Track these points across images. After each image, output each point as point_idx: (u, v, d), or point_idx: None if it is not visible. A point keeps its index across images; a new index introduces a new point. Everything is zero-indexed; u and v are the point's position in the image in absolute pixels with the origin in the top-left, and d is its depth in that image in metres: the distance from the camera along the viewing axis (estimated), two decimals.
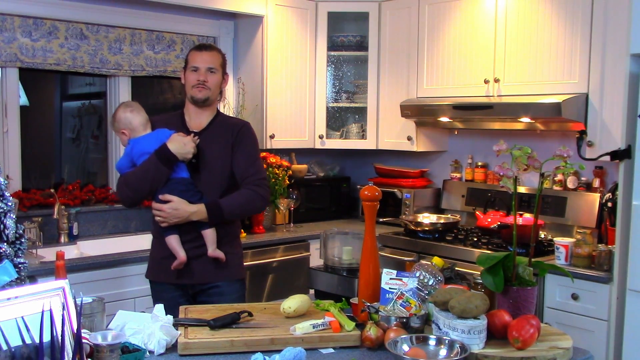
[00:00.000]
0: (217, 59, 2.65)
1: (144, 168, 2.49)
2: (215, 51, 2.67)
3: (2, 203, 1.79)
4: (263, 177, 2.63)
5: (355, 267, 2.90)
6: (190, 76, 2.61)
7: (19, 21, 3.51)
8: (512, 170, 1.94)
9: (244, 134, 2.65)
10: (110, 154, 4.02)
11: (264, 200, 2.61)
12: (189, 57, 2.65)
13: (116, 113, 2.57)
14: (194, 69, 2.61)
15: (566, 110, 3.29)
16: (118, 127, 2.56)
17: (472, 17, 3.83)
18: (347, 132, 4.53)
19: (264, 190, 2.61)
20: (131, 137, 2.54)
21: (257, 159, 2.66)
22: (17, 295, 1.43)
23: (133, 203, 2.62)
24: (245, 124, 2.71)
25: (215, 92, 2.65)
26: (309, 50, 4.36)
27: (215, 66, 2.62)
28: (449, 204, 4.27)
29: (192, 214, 2.48)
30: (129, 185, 2.54)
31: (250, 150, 2.64)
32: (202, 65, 2.60)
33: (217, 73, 2.64)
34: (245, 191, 2.57)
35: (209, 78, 2.61)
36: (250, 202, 2.58)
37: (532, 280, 1.95)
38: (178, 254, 2.51)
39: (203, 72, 2.60)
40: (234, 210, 2.57)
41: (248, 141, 2.65)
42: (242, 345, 1.82)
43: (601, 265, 3.06)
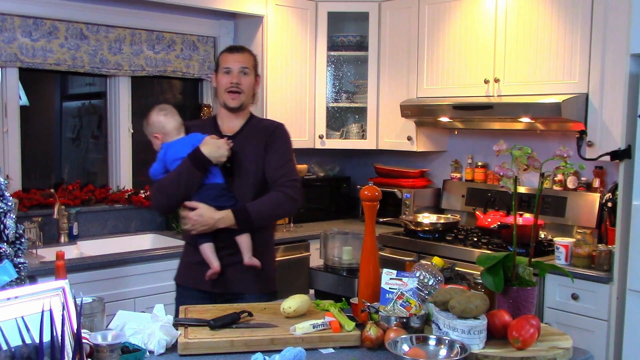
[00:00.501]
0: (249, 60, 2.56)
1: (176, 173, 2.41)
2: (247, 52, 2.59)
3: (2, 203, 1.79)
4: (294, 179, 2.50)
5: (355, 267, 2.89)
6: (223, 79, 2.52)
7: (19, 21, 3.51)
8: (512, 170, 1.94)
9: (277, 135, 2.55)
10: (110, 154, 4.02)
11: (294, 202, 2.47)
12: (220, 60, 2.57)
13: (149, 116, 2.50)
14: (227, 70, 2.52)
15: (566, 110, 3.29)
16: (151, 131, 2.49)
17: (472, 17, 3.83)
18: (347, 132, 4.53)
19: (294, 191, 2.47)
20: (164, 141, 2.47)
21: (288, 161, 2.53)
22: (17, 295, 1.43)
23: (167, 210, 2.56)
24: (279, 125, 2.61)
25: (249, 95, 2.56)
26: (309, 50, 4.36)
27: (248, 67, 2.54)
28: (449, 204, 4.27)
29: (219, 220, 2.38)
30: (162, 191, 2.44)
31: (282, 151, 2.53)
32: (235, 66, 2.51)
33: (250, 74, 2.55)
34: (274, 194, 2.46)
35: (242, 80, 2.52)
36: (279, 204, 2.46)
37: (532, 280, 1.95)
38: (212, 264, 2.41)
39: (236, 74, 2.51)
40: (263, 215, 2.44)
41: (280, 142, 2.54)
42: (242, 345, 1.82)
43: (601, 265, 3.07)
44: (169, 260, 3.37)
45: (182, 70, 4.18)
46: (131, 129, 4.04)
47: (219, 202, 2.40)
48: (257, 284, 2.50)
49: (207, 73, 4.32)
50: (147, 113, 2.57)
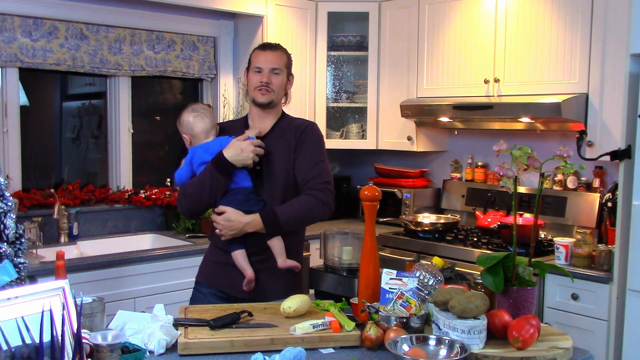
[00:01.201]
0: (281, 59, 2.47)
1: (200, 178, 2.34)
2: (280, 51, 2.49)
3: (2, 203, 1.79)
4: (327, 181, 2.38)
5: (355, 267, 2.90)
6: (253, 77, 2.44)
7: (19, 21, 3.51)
8: (512, 170, 1.94)
9: (308, 134, 2.44)
10: (110, 154, 4.02)
11: (326, 206, 2.36)
12: (252, 57, 2.48)
13: (181, 115, 2.42)
14: (257, 69, 2.43)
15: (566, 110, 3.29)
16: (181, 130, 2.43)
17: (472, 17, 3.83)
18: (347, 132, 4.53)
19: (326, 195, 2.36)
20: (192, 143, 2.40)
21: (321, 161, 2.41)
22: (17, 295, 1.43)
23: (193, 214, 2.48)
24: (310, 124, 2.51)
25: (280, 94, 2.47)
26: (309, 50, 4.35)
27: (279, 67, 2.44)
28: (449, 204, 4.27)
29: (247, 224, 2.31)
30: (186, 196, 2.38)
31: (313, 151, 2.41)
32: (266, 65, 2.42)
33: (282, 74, 2.45)
34: (304, 197, 2.35)
35: (273, 79, 2.43)
36: (310, 209, 2.35)
37: (532, 280, 1.95)
38: (246, 272, 2.33)
39: (266, 74, 2.42)
40: (292, 219, 2.35)
41: (312, 141, 2.43)
42: (242, 345, 1.82)
43: (601, 265, 3.06)
44: (169, 260, 3.37)
45: (182, 70, 4.18)
46: (131, 129, 4.04)
47: (246, 206, 2.33)
48: (287, 290, 2.35)
49: (207, 73, 4.32)
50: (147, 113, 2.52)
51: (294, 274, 2.45)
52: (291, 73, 2.54)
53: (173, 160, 4.39)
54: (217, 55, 4.35)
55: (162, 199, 3.98)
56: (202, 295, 2.47)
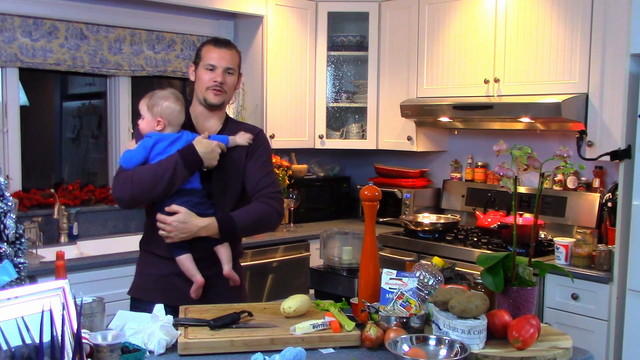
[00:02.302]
0: (235, 58, 2.34)
1: (161, 167, 2.15)
2: (234, 49, 2.36)
3: (2, 203, 1.79)
4: (279, 191, 2.35)
5: (355, 267, 2.90)
6: (205, 75, 2.29)
7: (19, 21, 3.51)
8: (512, 170, 1.94)
9: (259, 142, 2.37)
10: (110, 154, 4.03)
11: (280, 216, 2.33)
12: (204, 53, 2.32)
13: (164, 99, 2.24)
14: (210, 67, 2.29)
15: (566, 110, 3.29)
16: (158, 112, 2.23)
17: (472, 17, 3.83)
18: (347, 132, 4.53)
19: (279, 205, 2.32)
20: (162, 130, 2.23)
21: (271, 171, 2.38)
22: (17, 295, 1.43)
23: (132, 204, 2.23)
24: (260, 130, 2.43)
25: (231, 95, 2.37)
26: (309, 50, 4.36)
27: (233, 66, 2.32)
28: (449, 204, 4.27)
29: (202, 228, 2.18)
30: (135, 182, 2.15)
31: (265, 159, 2.37)
32: (220, 64, 2.29)
33: (235, 74, 2.34)
34: (260, 205, 2.27)
35: (227, 79, 2.31)
36: (266, 217, 2.28)
37: (532, 280, 1.95)
38: (194, 277, 2.20)
39: (220, 73, 2.29)
40: (247, 226, 2.27)
41: (263, 150, 2.37)
42: (242, 345, 1.82)
43: (601, 265, 3.06)
44: None
45: (182, 70, 4.18)
46: (131, 129, 4.04)
47: (200, 209, 2.21)
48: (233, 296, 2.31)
49: None
50: None
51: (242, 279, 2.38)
52: (241, 73, 2.43)
53: None
54: None
55: None
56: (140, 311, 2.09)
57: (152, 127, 2.25)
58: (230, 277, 2.27)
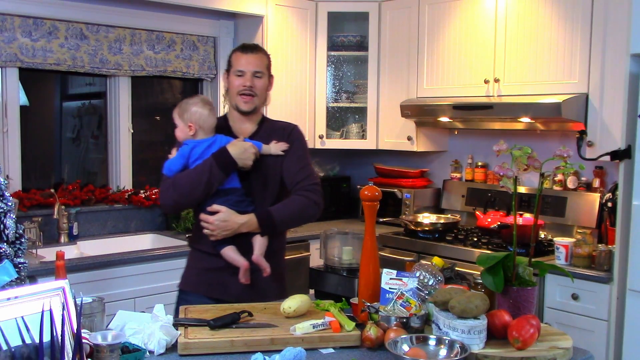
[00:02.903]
0: (263, 61, 2.43)
1: (198, 171, 2.27)
2: (261, 53, 2.45)
3: (2, 203, 1.79)
4: (316, 182, 2.40)
5: (355, 267, 2.90)
6: (235, 81, 2.40)
7: (19, 21, 3.51)
8: (512, 170, 1.94)
9: (294, 137, 2.45)
10: (110, 154, 4.02)
11: (317, 207, 2.37)
12: (233, 60, 2.44)
13: (192, 104, 2.35)
14: (240, 73, 2.39)
15: (566, 110, 3.29)
16: (188, 118, 2.33)
17: (472, 17, 3.83)
18: (347, 132, 4.53)
19: (317, 196, 2.37)
20: (195, 136, 2.33)
21: (308, 164, 2.44)
22: (17, 295, 1.43)
23: (176, 209, 2.44)
24: (294, 127, 2.50)
25: (262, 98, 2.45)
26: (309, 50, 4.36)
27: (262, 69, 2.41)
28: (449, 204, 4.27)
29: (242, 225, 2.28)
30: (177, 188, 2.29)
31: (301, 153, 2.43)
32: (248, 68, 2.39)
33: (264, 77, 2.42)
34: (297, 198, 2.35)
35: (256, 83, 2.40)
36: (304, 210, 2.36)
37: (532, 280, 1.95)
38: (239, 262, 2.30)
39: (249, 77, 2.38)
40: (287, 219, 2.36)
41: (298, 144, 2.44)
42: (242, 345, 1.82)
43: (601, 265, 3.06)
44: (169, 260, 3.37)
45: (182, 70, 4.18)
46: (131, 129, 4.04)
47: (239, 207, 2.31)
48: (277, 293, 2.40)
49: (207, 73, 4.32)
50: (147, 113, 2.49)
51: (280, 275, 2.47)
52: (272, 75, 2.51)
53: None
54: (217, 55, 4.35)
55: None
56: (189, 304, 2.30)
57: (185, 133, 2.35)
58: (258, 262, 2.32)
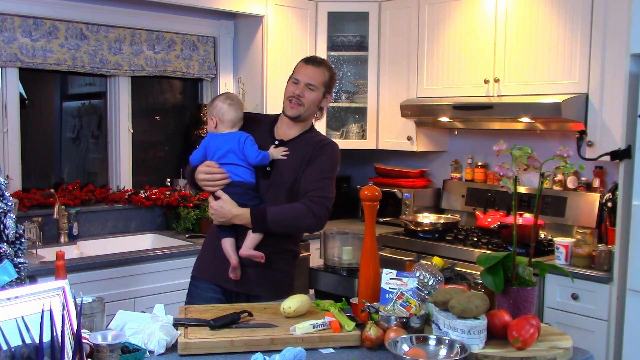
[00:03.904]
0: (321, 76, 2.50)
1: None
2: (323, 67, 2.52)
3: (2, 203, 1.79)
4: (324, 196, 2.39)
5: (355, 267, 2.90)
6: (289, 87, 2.52)
7: (19, 21, 3.51)
8: (512, 170, 1.94)
9: (324, 150, 2.47)
10: (110, 154, 4.03)
11: (316, 218, 2.37)
12: (296, 68, 2.56)
13: (216, 99, 2.52)
14: (295, 81, 2.50)
15: (566, 110, 3.29)
16: (211, 112, 2.51)
17: (472, 17, 3.83)
18: (347, 132, 4.53)
19: (319, 208, 2.37)
20: (217, 128, 2.48)
21: (327, 178, 2.43)
22: (17, 295, 1.43)
23: None
24: (330, 142, 2.53)
25: (310, 110, 2.50)
26: (309, 50, 4.35)
27: (316, 83, 2.48)
28: (449, 204, 4.27)
29: (235, 216, 2.38)
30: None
31: (324, 166, 2.44)
32: (303, 79, 2.48)
33: (317, 91, 2.48)
34: (298, 204, 2.38)
35: (306, 94, 2.47)
36: (300, 217, 2.37)
37: (532, 280, 1.95)
38: (230, 258, 2.41)
39: (301, 87, 2.47)
40: (280, 222, 2.38)
41: (326, 157, 2.46)
42: (242, 345, 1.82)
43: (601, 265, 3.06)
44: (169, 260, 3.37)
45: (182, 70, 4.18)
46: (131, 129, 4.04)
47: (242, 199, 2.41)
48: (281, 290, 2.44)
49: (207, 73, 4.32)
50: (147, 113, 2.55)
51: (284, 274, 2.51)
52: (330, 92, 2.56)
53: (173, 160, 4.39)
54: (217, 55, 4.35)
55: (162, 199, 3.98)
56: (198, 290, 2.53)
57: (210, 126, 2.52)
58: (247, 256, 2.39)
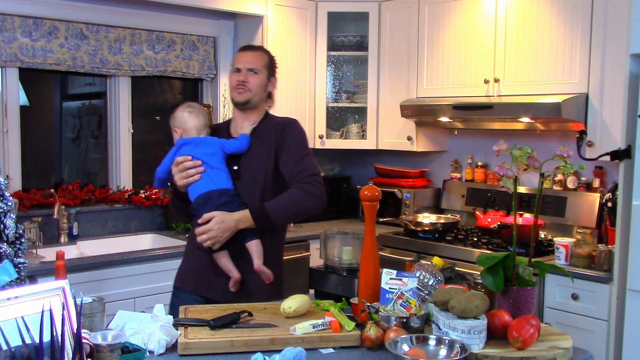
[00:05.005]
0: (260, 59, 2.48)
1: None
2: (259, 51, 2.52)
3: (2, 203, 1.79)
4: (313, 173, 2.36)
5: (355, 267, 2.90)
6: (232, 78, 2.49)
7: (19, 21, 3.51)
8: (512, 170, 1.94)
9: (288, 131, 2.44)
10: (110, 154, 4.03)
11: (316, 198, 2.32)
12: (234, 59, 2.54)
13: (176, 110, 2.47)
14: (236, 70, 2.48)
15: (566, 110, 3.29)
16: (173, 124, 2.46)
17: (472, 17, 3.83)
18: (347, 132, 4.53)
19: (315, 187, 2.33)
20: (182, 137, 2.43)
21: (305, 155, 2.41)
22: (17, 295, 1.43)
23: None
24: (290, 121, 2.50)
25: (259, 95, 2.46)
26: (309, 50, 4.36)
27: (257, 67, 2.45)
28: (449, 204, 4.27)
29: (239, 221, 2.26)
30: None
31: (296, 147, 2.41)
32: (244, 65, 2.45)
33: (261, 74, 2.46)
34: (293, 190, 2.33)
35: (250, 79, 2.44)
36: (300, 201, 2.32)
37: (532, 280, 1.95)
38: (232, 272, 2.31)
39: (244, 73, 2.44)
40: (281, 211, 2.31)
41: (293, 139, 2.43)
42: (242, 345, 1.82)
43: (601, 265, 3.06)
44: (169, 260, 3.37)
45: (182, 70, 4.18)
46: (131, 129, 4.04)
47: (228, 208, 2.29)
48: (271, 294, 2.40)
49: (207, 73, 4.32)
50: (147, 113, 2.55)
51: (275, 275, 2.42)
52: (274, 75, 2.53)
53: None
54: (217, 55, 4.35)
55: (162, 199, 3.98)
56: (180, 301, 2.36)
57: (175, 138, 2.47)
58: (260, 271, 2.31)
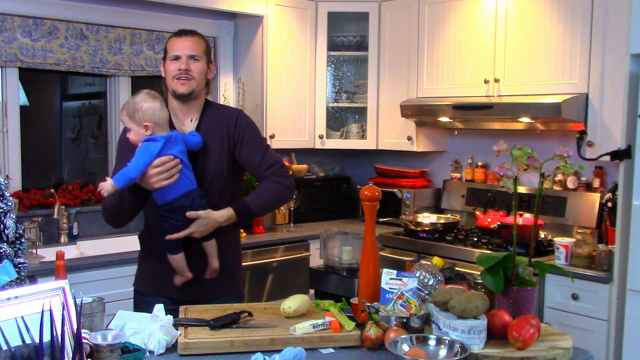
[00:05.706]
0: (200, 45, 2.35)
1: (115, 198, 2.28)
2: (197, 36, 2.36)
3: (2, 203, 1.79)
4: (282, 166, 2.40)
5: (355, 267, 2.90)
6: (171, 66, 2.32)
7: (19, 21, 3.51)
8: (512, 170, 1.94)
9: (242, 125, 2.38)
10: (110, 154, 4.02)
11: (288, 189, 2.39)
12: (168, 45, 2.35)
13: (142, 102, 2.17)
14: (175, 57, 2.31)
15: (566, 110, 3.29)
16: (140, 117, 2.16)
17: (472, 17, 3.83)
18: (347, 132, 4.53)
19: (288, 179, 2.39)
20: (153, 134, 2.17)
21: (264, 147, 2.40)
22: (17, 295, 1.43)
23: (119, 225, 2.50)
24: (239, 113, 2.44)
25: (201, 83, 2.35)
26: (309, 50, 4.35)
27: (198, 53, 2.32)
28: (449, 204, 4.27)
29: (223, 222, 2.27)
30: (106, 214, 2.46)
31: (255, 140, 2.39)
32: (184, 52, 2.30)
33: (201, 61, 2.33)
34: (270, 184, 2.35)
35: (192, 66, 2.31)
36: (279, 195, 2.38)
37: (532, 280, 1.95)
38: (185, 274, 2.30)
39: (185, 61, 2.30)
40: (262, 206, 2.39)
41: (249, 131, 2.39)
42: (242, 345, 1.82)
43: (601, 265, 3.06)
44: None
45: None
46: None
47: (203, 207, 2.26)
48: (228, 288, 2.42)
49: None
50: None
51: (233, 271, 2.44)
52: (212, 61, 2.42)
53: None
54: (217, 55, 4.35)
55: None
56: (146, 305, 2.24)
57: (141, 134, 2.18)
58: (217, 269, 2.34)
